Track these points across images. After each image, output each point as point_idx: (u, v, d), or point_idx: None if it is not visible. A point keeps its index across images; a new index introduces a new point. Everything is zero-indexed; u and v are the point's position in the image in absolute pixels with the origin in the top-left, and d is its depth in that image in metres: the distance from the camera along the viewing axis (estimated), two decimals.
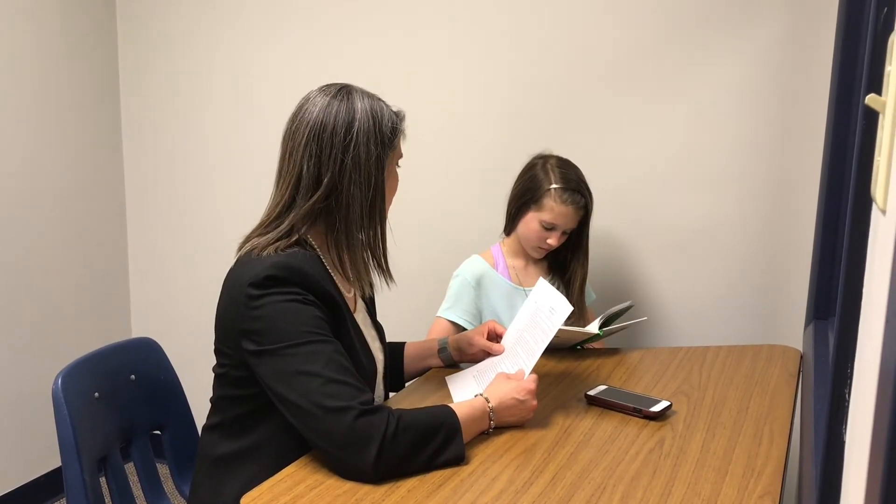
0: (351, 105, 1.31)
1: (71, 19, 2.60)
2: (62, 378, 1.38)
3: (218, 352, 1.35)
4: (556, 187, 1.84)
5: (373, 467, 1.15)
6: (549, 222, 1.86)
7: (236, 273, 1.30)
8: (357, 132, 1.30)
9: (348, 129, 1.29)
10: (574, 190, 1.84)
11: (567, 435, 1.34)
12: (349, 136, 1.29)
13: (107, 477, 1.49)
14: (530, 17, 2.22)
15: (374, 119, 1.31)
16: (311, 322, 1.23)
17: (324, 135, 1.30)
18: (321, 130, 1.30)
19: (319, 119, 1.30)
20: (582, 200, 1.86)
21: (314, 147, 1.30)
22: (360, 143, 1.30)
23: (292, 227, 1.32)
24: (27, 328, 2.56)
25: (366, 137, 1.30)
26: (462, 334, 1.72)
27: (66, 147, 2.63)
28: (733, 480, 1.17)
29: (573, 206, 1.84)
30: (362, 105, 1.32)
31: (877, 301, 0.59)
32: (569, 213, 1.85)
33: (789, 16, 1.99)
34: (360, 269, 1.37)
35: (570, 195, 1.84)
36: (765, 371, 1.67)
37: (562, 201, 1.83)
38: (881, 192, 0.61)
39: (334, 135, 1.29)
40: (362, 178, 1.30)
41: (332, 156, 1.29)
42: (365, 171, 1.30)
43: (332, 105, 1.31)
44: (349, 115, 1.30)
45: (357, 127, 1.30)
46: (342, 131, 1.29)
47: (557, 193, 1.84)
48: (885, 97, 0.63)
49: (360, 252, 1.35)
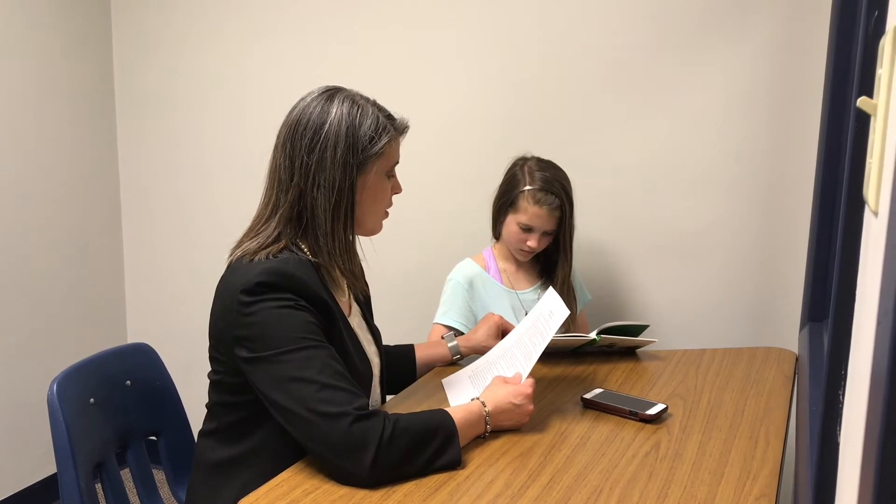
0: (327, 107, 1.30)
1: (65, 24, 2.60)
2: (57, 384, 1.38)
3: (212, 359, 1.35)
4: (529, 189, 1.84)
5: (369, 472, 1.15)
6: (525, 224, 1.85)
7: (228, 280, 1.29)
8: (325, 135, 1.28)
9: (317, 131, 1.28)
10: (548, 191, 1.83)
11: (563, 438, 1.34)
12: (316, 138, 1.28)
13: (102, 483, 1.49)
14: (523, 19, 2.23)
15: (347, 123, 1.29)
16: (303, 328, 1.23)
17: (295, 135, 1.29)
18: (294, 130, 1.30)
19: (296, 119, 1.31)
20: (556, 201, 1.84)
21: (288, 146, 1.30)
22: (328, 146, 1.28)
23: (280, 232, 1.31)
24: (22, 334, 2.55)
25: (334, 140, 1.28)
26: (470, 337, 1.74)
27: (61, 152, 2.63)
28: (729, 483, 1.17)
29: (547, 207, 1.84)
30: (339, 109, 1.30)
31: (869, 302, 0.59)
32: (543, 214, 1.84)
33: (782, 18, 1.99)
34: (336, 275, 1.37)
35: (543, 196, 1.83)
36: (760, 373, 1.68)
37: (535, 202, 1.83)
38: (873, 193, 0.61)
39: (304, 136, 1.29)
40: (326, 182, 1.28)
41: (299, 156, 1.29)
42: (329, 176, 1.28)
43: (311, 106, 1.31)
44: (321, 117, 1.29)
45: (326, 129, 1.28)
46: (311, 132, 1.28)
47: (531, 194, 1.83)
48: (877, 100, 0.63)
49: (331, 260, 1.33)
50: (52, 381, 1.38)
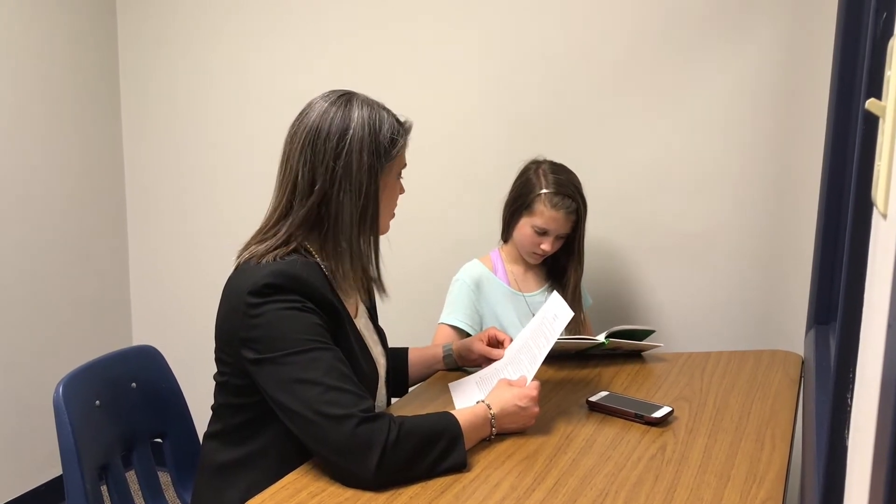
0: (348, 112, 1.31)
1: (71, 25, 2.61)
2: (63, 386, 1.38)
3: (218, 360, 1.35)
4: (546, 192, 1.84)
5: (374, 475, 1.15)
6: (541, 227, 1.85)
7: (235, 281, 1.30)
8: (350, 140, 1.29)
9: (342, 137, 1.29)
10: (564, 194, 1.84)
11: (569, 441, 1.34)
12: (342, 144, 1.29)
13: (108, 485, 1.49)
14: (530, 21, 2.23)
15: (370, 128, 1.30)
16: (310, 329, 1.23)
17: (318, 141, 1.29)
18: (316, 136, 1.30)
19: (316, 124, 1.30)
20: (573, 205, 1.85)
21: (308, 153, 1.30)
22: (353, 150, 1.29)
23: (290, 235, 1.31)
24: (28, 336, 2.56)
25: (359, 146, 1.29)
26: (464, 341, 1.72)
27: (66, 154, 2.63)
28: (735, 486, 1.17)
29: (564, 211, 1.84)
30: (360, 113, 1.31)
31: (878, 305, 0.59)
32: (559, 217, 1.84)
33: (789, 20, 1.99)
34: (350, 278, 1.37)
35: (560, 199, 1.83)
36: (766, 376, 1.67)
37: (552, 206, 1.83)
38: (882, 196, 0.61)
39: (328, 141, 1.29)
40: (353, 186, 1.29)
41: (324, 162, 1.29)
42: (356, 180, 1.29)
43: (330, 111, 1.31)
44: (344, 122, 1.30)
45: (351, 134, 1.29)
46: (335, 138, 1.29)
47: (548, 198, 1.83)
48: (886, 102, 0.63)
49: (348, 261, 1.34)
50: (58, 383, 1.38)
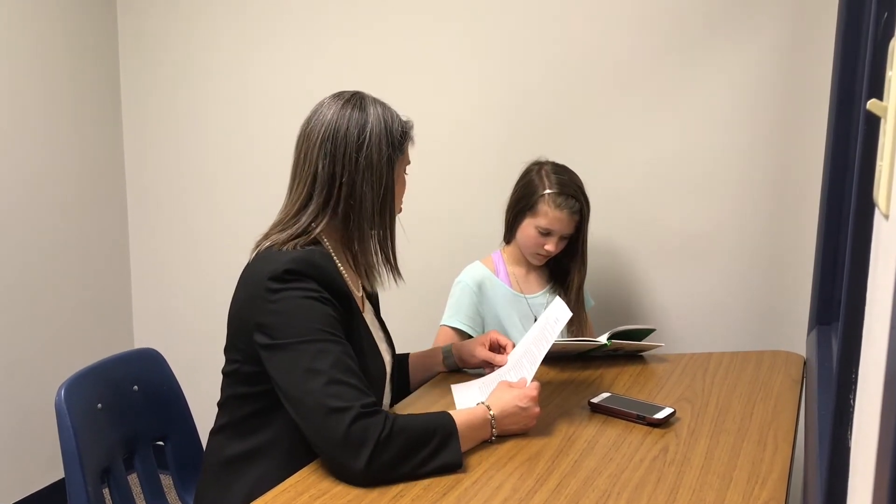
0: (364, 109, 1.38)
1: (71, 29, 2.61)
2: (65, 389, 1.38)
3: (229, 349, 1.37)
4: (549, 192, 1.84)
5: (364, 470, 1.16)
6: (545, 228, 1.85)
7: (255, 267, 1.33)
8: (370, 133, 1.36)
9: (362, 130, 1.36)
10: (568, 194, 1.84)
11: (571, 443, 1.34)
12: (363, 137, 1.35)
13: (110, 488, 1.49)
14: (532, 23, 2.23)
15: (385, 122, 1.38)
16: (324, 320, 1.26)
17: (338, 135, 1.35)
18: (335, 131, 1.36)
19: (334, 121, 1.36)
20: (576, 205, 1.85)
21: (329, 146, 1.35)
22: (373, 143, 1.35)
23: (309, 225, 1.36)
24: (30, 339, 2.56)
25: (378, 139, 1.36)
26: (464, 344, 1.72)
27: (67, 158, 2.63)
28: (738, 487, 1.17)
29: (567, 211, 1.84)
30: (374, 110, 1.38)
31: (881, 306, 0.59)
32: (563, 217, 1.85)
33: (789, 20, 1.99)
34: (372, 265, 1.42)
35: (564, 199, 1.83)
36: (768, 377, 1.67)
37: (556, 206, 1.83)
38: (884, 196, 0.61)
39: (348, 135, 1.35)
40: (374, 177, 1.36)
41: (346, 154, 1.35)
42: (377, 171, 1.36)
43: (346, 109, 1.37)
44: (362, 117, 1.37)
45: (370, 128, 1.36)
46: (356, 132, 1.35)
47: (552, 198, 1.84)
48: (887, 102, 0.63)
49: (370, 248, 1.40)
50: (60, 386, 1.38)
